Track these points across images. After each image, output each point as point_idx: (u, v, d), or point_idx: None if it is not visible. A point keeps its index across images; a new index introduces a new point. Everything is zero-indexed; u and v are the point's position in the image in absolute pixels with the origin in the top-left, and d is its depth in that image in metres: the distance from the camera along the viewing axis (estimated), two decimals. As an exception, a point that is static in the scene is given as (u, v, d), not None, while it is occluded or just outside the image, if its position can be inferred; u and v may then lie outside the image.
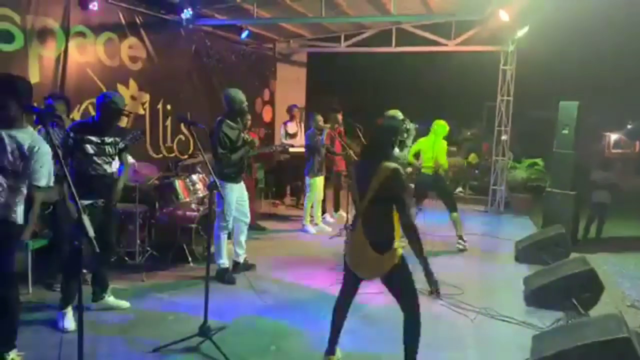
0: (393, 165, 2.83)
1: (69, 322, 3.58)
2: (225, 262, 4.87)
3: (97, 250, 2.32)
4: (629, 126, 16.90)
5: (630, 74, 11.06)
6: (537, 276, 4.71)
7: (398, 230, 2.90)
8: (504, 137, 8.98)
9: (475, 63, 9.77)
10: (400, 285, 2.96)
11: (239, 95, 4.66)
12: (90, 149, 3.66)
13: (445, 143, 6.28)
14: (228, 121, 4.64)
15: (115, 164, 3.90)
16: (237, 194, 4.82)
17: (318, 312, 4.12)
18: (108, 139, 3.75)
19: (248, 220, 5.04)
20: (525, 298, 4.54)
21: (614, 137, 16.09)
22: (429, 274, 2.84)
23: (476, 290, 4.81)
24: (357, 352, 3.40)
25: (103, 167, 3.74)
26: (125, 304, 4.03)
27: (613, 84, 11.25)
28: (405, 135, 4.89)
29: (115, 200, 3.88)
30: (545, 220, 6.83)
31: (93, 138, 3.68)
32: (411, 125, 5.04)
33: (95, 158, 3.69)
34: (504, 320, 4.10)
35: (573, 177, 6.71)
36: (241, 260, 5.08)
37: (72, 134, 3.63)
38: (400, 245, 2.91)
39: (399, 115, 5.03)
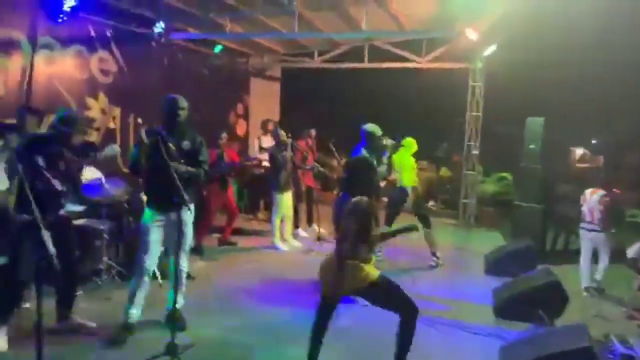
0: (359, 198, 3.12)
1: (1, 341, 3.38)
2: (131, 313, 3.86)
3: (58, 268, 2.27)
4: (593, 141, 17.46)
5: (596, 91, 11.50)
6: (505, 288, 4.79)
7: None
8: (474, 152, 9.17)
9: (446, 79, 10.00)
10: (382, 300, 3.13)
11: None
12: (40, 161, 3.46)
13: (412, 159, 6.30)
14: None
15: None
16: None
17: (287, 331, 4.09)
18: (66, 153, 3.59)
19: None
20: (494, 310, 4.61)
21: (579, 151, 16.56)
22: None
23: (446, 302, 4.85)
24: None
25: (52, 182, 3.52)
26: (90, 324, 3.89)
27: (578, 101, 11.65)
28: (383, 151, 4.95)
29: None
30: (513, 233, 6.98)
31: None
32: (389, 142, 5.03)
33: (45, 172, 3.47)
34: (473, 333, 4.16)
35: (540, 191, 6.91)
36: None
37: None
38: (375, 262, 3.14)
39: (378, 131, 4.96)
